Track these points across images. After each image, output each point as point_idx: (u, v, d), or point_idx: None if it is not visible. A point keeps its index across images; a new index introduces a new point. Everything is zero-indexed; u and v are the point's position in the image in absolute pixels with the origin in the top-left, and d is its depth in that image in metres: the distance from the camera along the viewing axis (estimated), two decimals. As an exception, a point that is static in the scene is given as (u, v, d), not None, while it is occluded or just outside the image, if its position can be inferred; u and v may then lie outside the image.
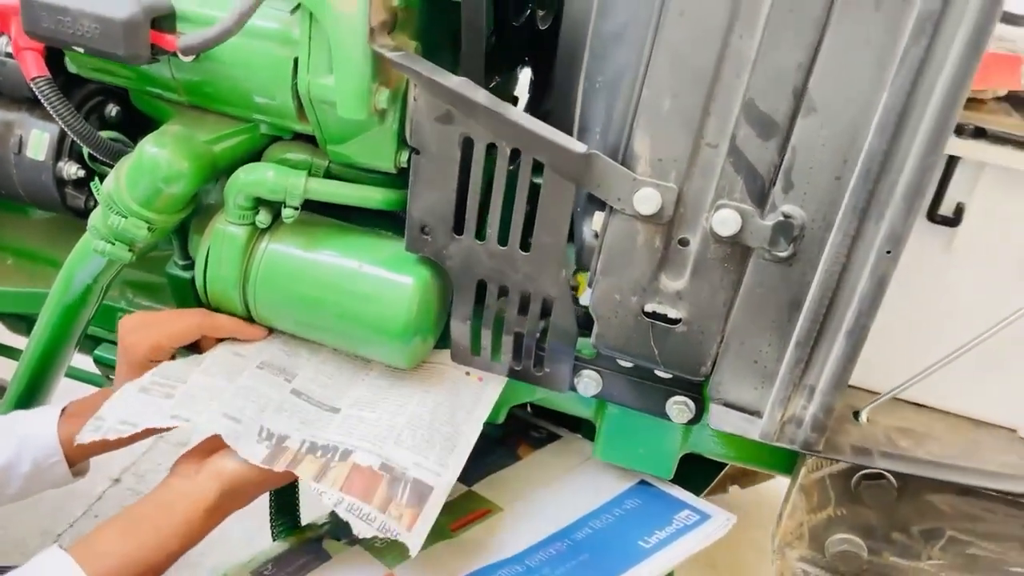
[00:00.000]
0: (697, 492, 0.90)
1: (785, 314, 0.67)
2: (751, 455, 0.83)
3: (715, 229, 0.66)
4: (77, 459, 0.84)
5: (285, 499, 0.97)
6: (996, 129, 0.65)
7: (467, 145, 0.70)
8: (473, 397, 0.82)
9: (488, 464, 0.96)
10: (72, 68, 0.80)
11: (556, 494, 0.90)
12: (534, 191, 0.71)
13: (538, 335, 0.77)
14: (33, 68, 0.74)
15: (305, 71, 0.69)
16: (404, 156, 0.76)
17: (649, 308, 0.71)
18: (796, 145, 0.62)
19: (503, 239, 0.73)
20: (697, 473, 0.93)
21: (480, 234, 0.74)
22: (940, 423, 0.77)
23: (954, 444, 0.74)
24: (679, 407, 0.78)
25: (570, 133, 0.72)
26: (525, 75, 1.07)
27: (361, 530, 0.69)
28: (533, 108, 1.06)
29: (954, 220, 0.70)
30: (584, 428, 1.01)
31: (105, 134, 0.81)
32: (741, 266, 0.68)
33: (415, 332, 0.77)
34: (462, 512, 0.88)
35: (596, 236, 0.71)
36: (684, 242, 0.68)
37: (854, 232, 0.61)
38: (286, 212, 0.76)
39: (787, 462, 0.81)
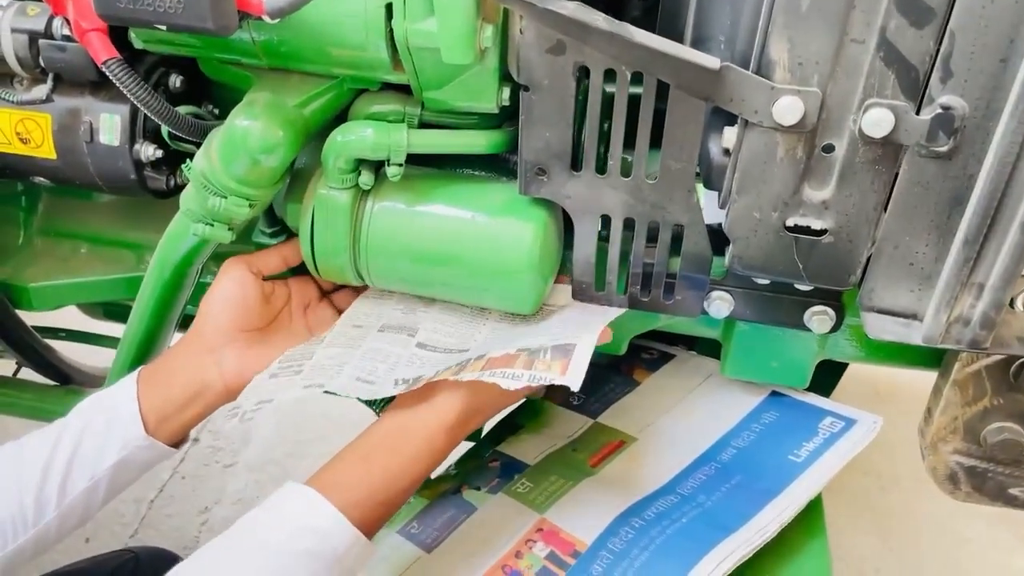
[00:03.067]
0: (825, 395, 0.89)
1: (945, 212, 0.64)
2: (893, 354, 0.81)
3: (865, 131, 0.61)
4: (166, 434, 0.78)
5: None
6: None
7: (582, 74, 0.65)
8: (596, 310, 0.78)
9: (607, 393, 0.94)
10: (138, 44, 0.75)
11: (687, 416, 0.88)
12: (656, 115, 0.66)
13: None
14: (102, 50, 0.69)
15: (401, 17, 0.64)
16: (505, 93, 0.71)
17: (791, 222, 0.68)
18: (955, 29, 0.57)
19: (626, 170, 0.69)
20: (819, 375, 0.91)
21: (601, 168, 0.70)
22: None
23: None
24: (820, 317, 0.76)
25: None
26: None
27: (509, 385, 0.65)
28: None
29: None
30: (698, 343, 0.99)
31: (182, 109, 0.77)
32: (893, 166, 0.63)
33: (537, 276, 0.74)
34: (596, 446, 0.87)
35: (727, 153, 0.67)
36: (829, 148, 0.64)
37: (1031, 117, 0.57)
38: (391, 171, 0.72)
39: (933, 357, 0.79)
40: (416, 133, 0.72)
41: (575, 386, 0.64)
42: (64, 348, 1.13)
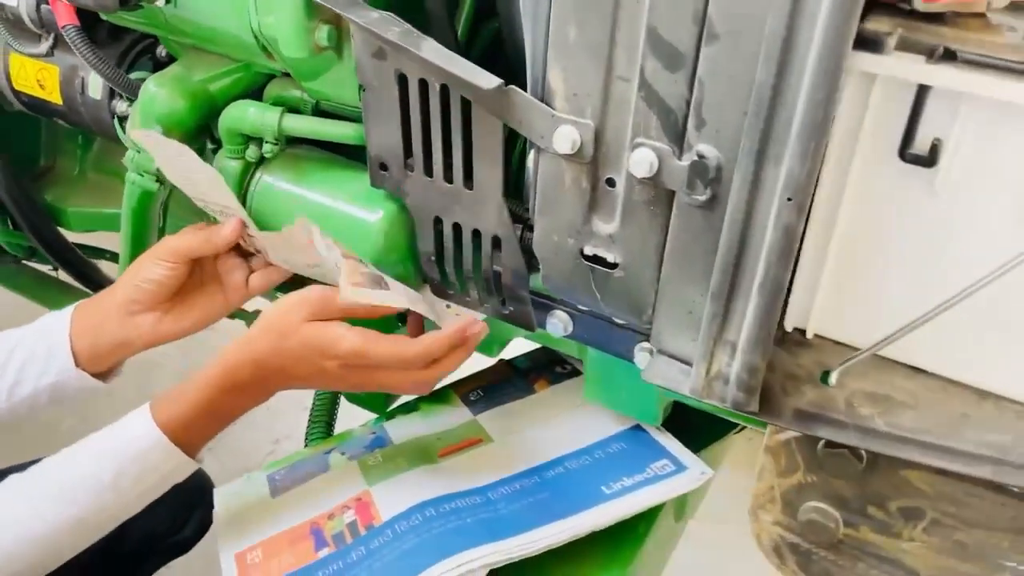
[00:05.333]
0: (700, 446, 0.86)
1: (711, 263, 0.62)
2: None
3: (631, 170, 0.61)
4: (95, 370, 0.87)
5: (322, 409, 1.05)
6: (972, 53, 0.54)
7: (403, 81, 0.70)
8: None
9: (500, 395, 0.97)
10: (103, 16, 0.88)
11: (550, 431, 0.89)
12: (474, 127, 0.69)
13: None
14: (64, 16, 0.83)
15: (254, 10, 0.72)
16: (370, 91, 0.77)
17: (588, 251, 0.68)
18: (703, 77, 0.56)
19: (449, 176, 0.73)
20: (706, 427, 0.88)
21: (428, 171, 0.73)
22: (934, 392, 0.67)
23: (934, 417, 0.64)
24: (643, 353, 0.75)
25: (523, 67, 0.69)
26: None
27: (320, 247, 0.73)
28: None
29: (929, 159, 0.59)
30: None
31: (137, 75, 0.90)
32: (667, 209, 0.62)
33: (383, 265, 0.79)
34: (454, 440, 0.91)
35: (536, 174, 0.69)
36: (611, 183, 0.64)
37: (752, 176, 0.54)
38: (266, 148, 0.80)
39: (765, 420, 0.75)
40: (290, 117, 0.79)
41: (343, 293, 0.70)
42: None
